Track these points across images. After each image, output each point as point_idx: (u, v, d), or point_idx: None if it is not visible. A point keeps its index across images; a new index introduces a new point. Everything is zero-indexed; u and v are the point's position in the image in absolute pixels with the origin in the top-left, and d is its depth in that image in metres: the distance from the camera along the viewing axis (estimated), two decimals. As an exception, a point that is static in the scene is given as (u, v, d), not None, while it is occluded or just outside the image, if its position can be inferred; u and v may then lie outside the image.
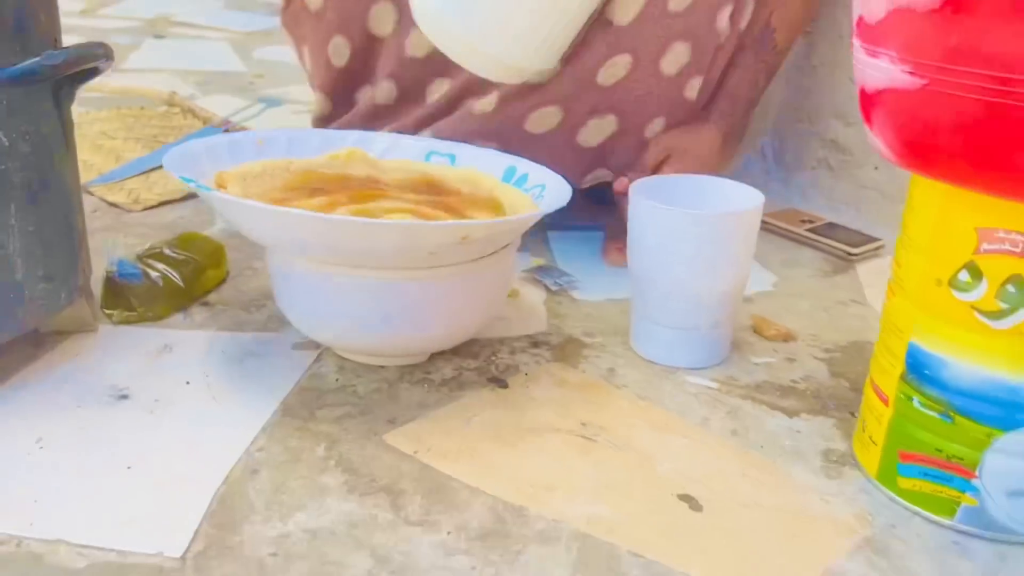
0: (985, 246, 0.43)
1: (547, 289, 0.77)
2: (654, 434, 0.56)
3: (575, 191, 0.62)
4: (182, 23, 2.06)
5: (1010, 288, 0.43)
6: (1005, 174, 0.40)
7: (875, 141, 0.46)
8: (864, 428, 0.53)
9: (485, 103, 0.76)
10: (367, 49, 0.80)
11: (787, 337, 0.69)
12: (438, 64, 0.75)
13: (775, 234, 0.91)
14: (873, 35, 0.43)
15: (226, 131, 1.09)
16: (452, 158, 0.70)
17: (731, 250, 0.61)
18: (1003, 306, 0.44)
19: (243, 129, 1.11)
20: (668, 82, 0.77)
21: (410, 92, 0.80)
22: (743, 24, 0.83)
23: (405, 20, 0.76)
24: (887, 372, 0.50)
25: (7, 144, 0.51)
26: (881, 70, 0.43)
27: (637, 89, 0.76)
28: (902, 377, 0.49)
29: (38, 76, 0.50)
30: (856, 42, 0.46)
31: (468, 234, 0.52)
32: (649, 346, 0.65)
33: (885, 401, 0.50)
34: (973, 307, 0.44)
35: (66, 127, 0.57)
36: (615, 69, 0.74)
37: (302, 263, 0.56)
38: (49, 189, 0.55)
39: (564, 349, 0.66)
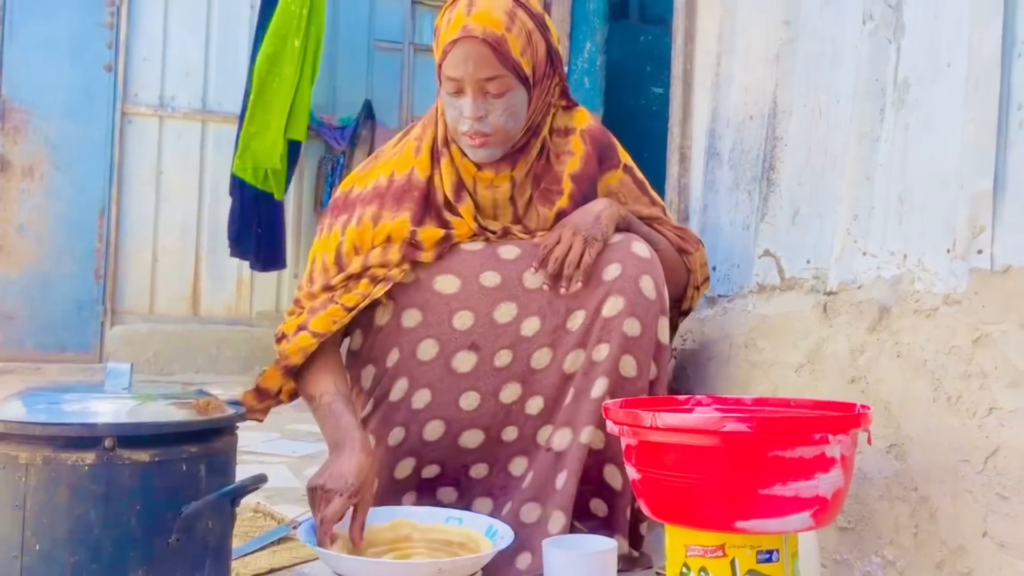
0: (689, 553, 0.90)
1: (505, 617, 1.20)
2: None
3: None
4: (248, 451, 2.65)
5: (702, 573, 0.89)
6: (680, 521, 0.89)
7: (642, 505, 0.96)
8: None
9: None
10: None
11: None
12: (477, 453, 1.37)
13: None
14: (627, 455, 0.95)
15: (294, 528, 1.58)
16: (460, 520, 1.19)
17: (603, 572, 1.06)
18: (701, 583, 0.89)
19: (305, 527, 1.60)
20: None
21: (450, 470, 1.37)
22: None
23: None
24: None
25: (211, 527, 1.00)
26: (631, 471, 0.94)
27: None
28: (673, 632, 0.92)
29: (235, 494, 1.01)
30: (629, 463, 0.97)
31: (441, 568, 1.00)
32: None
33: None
34: (691, 586, 0.90)
35: (233, 517, 1.06)
36: (561, 479, 1.29)
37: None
38: (223, 551, 1.03)
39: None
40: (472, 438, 1.36)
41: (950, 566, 1.00)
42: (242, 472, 1.07)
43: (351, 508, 1.17)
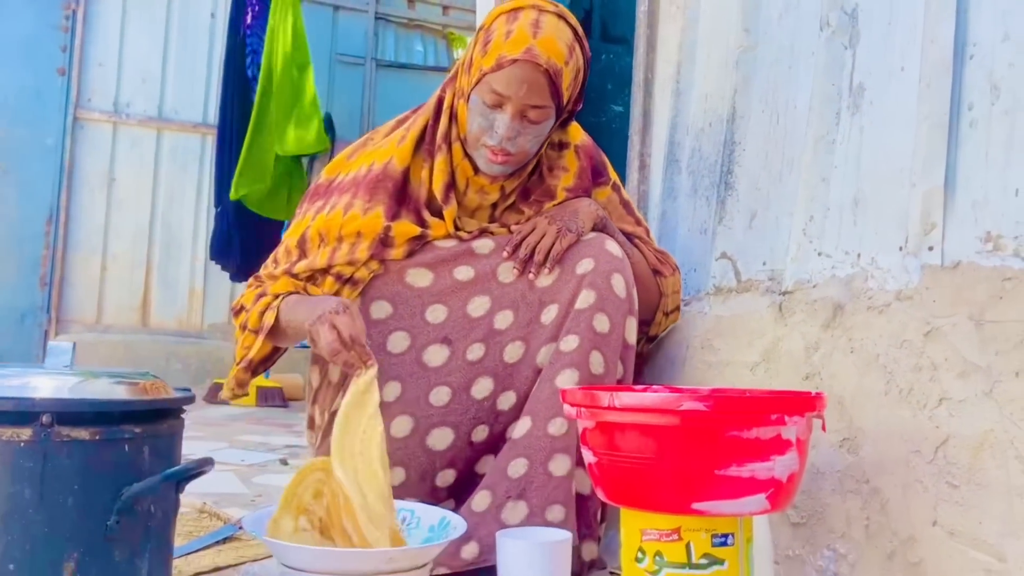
0: (644, 537, 0.89)
1: (456, 613, 1.17)
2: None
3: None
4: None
5: (657, 558, 0.88)
6: (636, 505, 0.88)
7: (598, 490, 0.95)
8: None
9: None
10: None
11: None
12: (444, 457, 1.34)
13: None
14: (583, 439, 0.94)
15: (240, 528, 1.54)
16: (412, 511, 1.16)
17: (556, 563, 1.04)
18: (656, 568, 0.88)
19: (252, 527, 1.55)
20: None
21: (415, 477, 1.33)
22: None
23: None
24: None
25: (153, 512, 0.97)
26: (588, 455, 0.93)
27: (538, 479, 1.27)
28: (627, 619, 0.91)
29: (180, 477, 0.98)
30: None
31: (392, 557, 0.97)
32: (512, 634, 1.05)
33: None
34: (645, 570, 0.89)
35: (177, 504, 1.03)
36: (517, 466, 1.26)
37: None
38: (165, 540, 1.00)
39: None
40: (441, 438, 1.33)
41: (901, 556, 1.01)
42: (196, 483, 1.04)
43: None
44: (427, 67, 5.42)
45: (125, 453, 0.94)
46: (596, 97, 3.43)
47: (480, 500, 1.29)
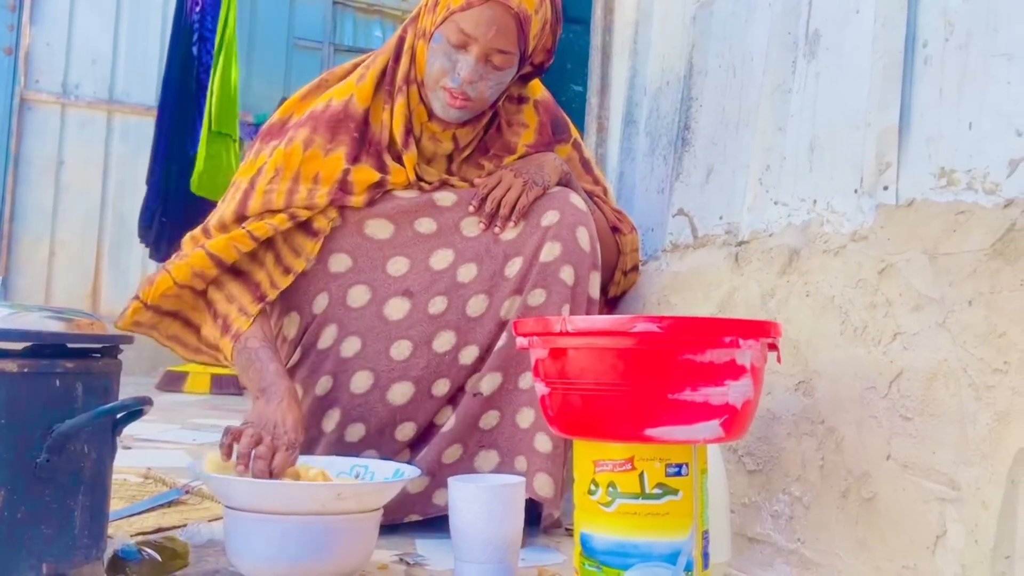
0: (597, 469, 0.87)
1: (407, 564, 1.14)
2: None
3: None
4: (144, 439, 2.51)
5: (611, 488, 0.86)
6: (589, 434, 0.86)
7: (551, 426, 0.92)
8: (574, 597, 0.91)
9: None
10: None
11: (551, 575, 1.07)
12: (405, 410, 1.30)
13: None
14: (536, 371, 0.92)
15: (187, 492, 1.49)
16: (366, 467, 1.13)
17: (506, 507, 1.02)
18: (609, 499, 0.86)
19: (199, 492, 1.51)
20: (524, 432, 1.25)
21: (374, 431, 1.30)
22: None
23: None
24: (575, 555, 0.90)
25: (87, 452, 0.92)
26: (540, 388, 0.91)
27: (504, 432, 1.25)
28: (580, 554, 0.89)
29: (115, 413, 0.94)
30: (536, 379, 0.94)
31: (341, 493, 0.94)
32: (464, 580, 1.02)
33: (576, 572, 0.89)
34: (598, 502, 0.87)
35: (114, 448, 0.98)
36: (489, 418, 1.25)
37: (243, 515, 0.95)
38: (101, 483, 0.95)
39: (411, 588, 1.03)
40: (401, 392, 1.30)
41: (855, 493, 1.00)
42: (139, 456, 1.00)
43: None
44: (386, 53, 5.36)
45: (56, 389, 0.90)
46: (555, 77, 3.42)
47: (452, 452, 1.29)
